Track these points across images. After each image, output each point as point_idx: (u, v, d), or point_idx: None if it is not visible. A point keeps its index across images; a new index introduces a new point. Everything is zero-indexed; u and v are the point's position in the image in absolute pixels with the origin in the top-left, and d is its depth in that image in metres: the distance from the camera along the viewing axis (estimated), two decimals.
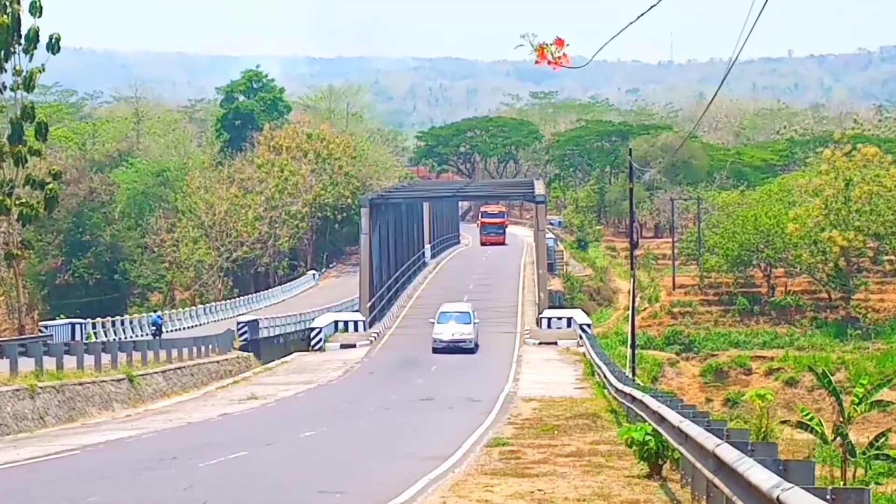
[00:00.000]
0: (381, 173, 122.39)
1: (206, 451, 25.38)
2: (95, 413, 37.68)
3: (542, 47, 13.57)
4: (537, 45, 13.52)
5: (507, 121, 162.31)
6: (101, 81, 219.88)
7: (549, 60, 13.61)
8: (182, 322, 70.65)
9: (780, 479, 11.16)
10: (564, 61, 13.65)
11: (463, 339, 58.22)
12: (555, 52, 13.60)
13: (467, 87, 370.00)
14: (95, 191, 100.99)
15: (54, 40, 60.80)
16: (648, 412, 23.02)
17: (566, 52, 13.67)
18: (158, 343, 49.54)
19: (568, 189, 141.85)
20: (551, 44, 13.63)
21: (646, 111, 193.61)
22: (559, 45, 13.62)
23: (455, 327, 58.84)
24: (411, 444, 27.82)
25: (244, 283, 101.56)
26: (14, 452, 26.60)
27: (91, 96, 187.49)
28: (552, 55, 13.60)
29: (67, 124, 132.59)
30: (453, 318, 59.53)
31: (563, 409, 35.79)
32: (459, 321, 59.25)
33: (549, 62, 13.62)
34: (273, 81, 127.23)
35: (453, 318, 59.48)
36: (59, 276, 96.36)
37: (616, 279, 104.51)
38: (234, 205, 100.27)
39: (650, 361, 75.76)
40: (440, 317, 59.70)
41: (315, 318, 68.99)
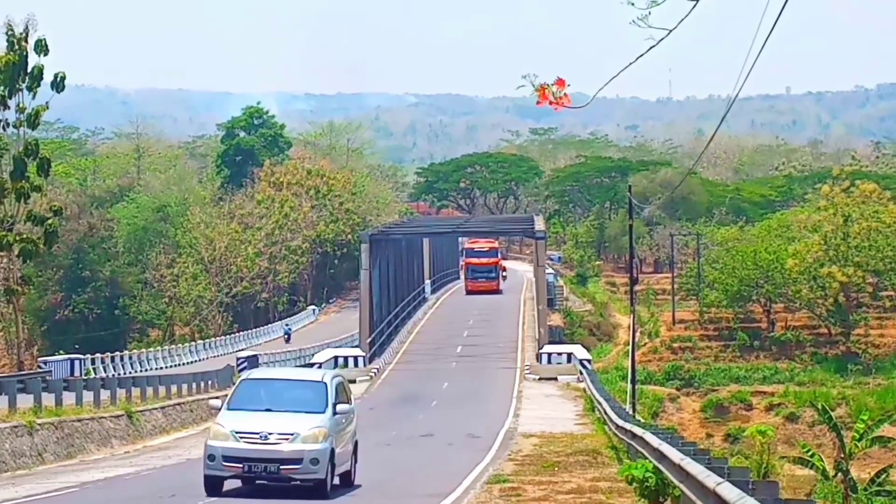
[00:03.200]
0: (382, 209, 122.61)
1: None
2: (94, 450, 37.48)
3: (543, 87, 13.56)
4: (538, 85, 13.51)
5: (507, 157, 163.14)
6: (103, 118, 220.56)
7: (550, 101, 13.60)
8: (181, 357, 70.69)
9: None
10: (566, 101, 13.65)
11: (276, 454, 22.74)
12: (556, 92, 13.60)
13: (467, 124, 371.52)
14: (96, 226, 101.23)
15: (59, 79, 61.24)
16: (649, 449, 22.96)
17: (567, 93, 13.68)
18: (158, 379, 49.51)
19: (568, 224, 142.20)
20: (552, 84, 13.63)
21: (645, 147, 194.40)
22: (560, 85, 13.61)
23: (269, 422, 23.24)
24: (411, 481, 27.73)
25: (244, 318, 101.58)
26: (13, 490, 26.38)
27: (93, 132, 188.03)
28: (553, 95, 13.59)
29: (69, 160, 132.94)
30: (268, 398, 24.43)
31: (564, 446, 35.67)
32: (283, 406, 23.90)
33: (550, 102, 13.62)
34: (273, 118, 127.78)
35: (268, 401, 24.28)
36: (59, 311, 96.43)
37: (616, 314, 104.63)
38: (235, 240, 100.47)
39: (651, 397, 75.72)
40: (239, 393, 25.09)
41: (315, 354, 68.99)
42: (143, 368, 63.00)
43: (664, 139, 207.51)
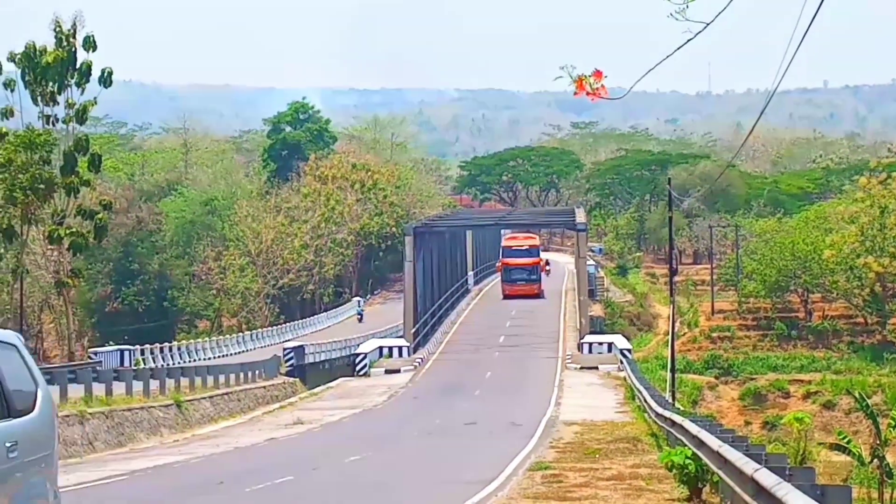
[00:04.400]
0: (425, 202, 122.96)
1: (253, 476, 25.59)
2: (144, 438, 37.97)
3: (580, 79, 13.66)
4: (576, 76, 13.63)
5: (549, 150, 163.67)
6: (150, 113, 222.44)
7: (587, 92, 13.67)
8: (229, 348, 71.36)
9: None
10: (603, 92, 13.70)
11: None
12: (593, 83, 13.69)
13: (509, 118, 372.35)
14: (144, 220, 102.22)
15: (106, 74, 62.16)
16: (688, 436, 23.19)
17: (604, 84, 13.79)
18: (206, 369, 50.17)
19: (608, 217, 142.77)
20: (590, 75, 13.75)
21: (684, 141, 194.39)
22: (597, 76, 13.67)
23: None
24: (455, 469, 28.03)
25: (290, 309, 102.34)
26: (64, 478, 26.56)
27: (140, 128, 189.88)
28: (591, 87, 13.68)
29: (117, 155, 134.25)
30: None
31: (605, 433, 35.97)
32: None
33: (587, 93, 13.68)
34: (318, 112, 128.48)
35: None
36: (109, 303, 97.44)
37: (656, 305, 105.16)
38: (281, 233, 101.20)
39: (690, 385, 76.34)
40: None
41: (360, 344, 69.54)
42: (192, 359, 63.67)
43: (703, 132, 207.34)
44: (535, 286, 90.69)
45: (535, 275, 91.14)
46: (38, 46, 62.22)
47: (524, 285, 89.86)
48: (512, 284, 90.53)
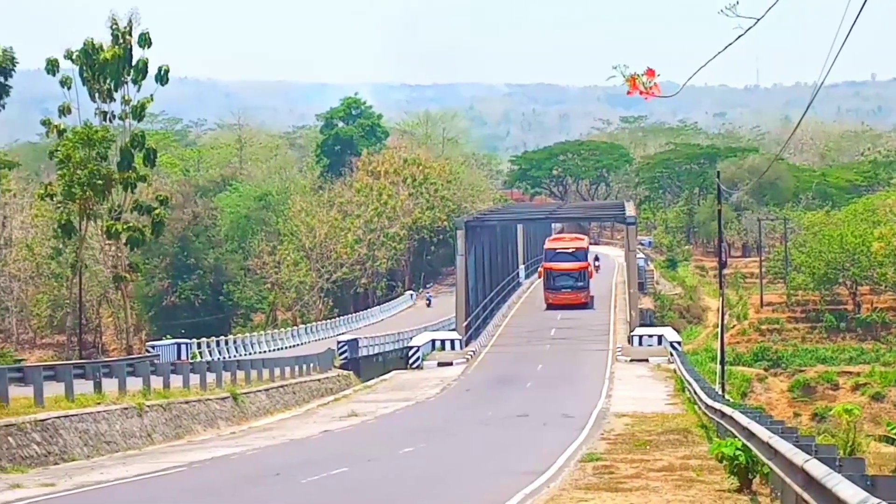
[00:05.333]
0: (476, 196, 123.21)
1: (309, 468, 25.92)
2: (201, 430, 38.41)
3: (633, 78, 13.80)
4: (629, 75, 13.76)
5: (599, 144, 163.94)
6: (206, 109, 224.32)
7: (640, 91, 13.83)
8: (284, 341, 71.96)
9: (868, 495, 11.39)
10: (655, 91, 13.86)
11: None
12: (646, 82, 13.84)
13: (559, 113, 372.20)
14: (200, 215, 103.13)
15: (163, 71, 62.92)
16: (738, 428, 23.35)
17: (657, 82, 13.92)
18: (262, 362, 50.71)
19: (658, 210, 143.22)
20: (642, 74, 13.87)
21: (733, 134, 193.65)
22: (650, 75, 13.83)
23: None
24: (507, 460, 28.29)
25: (344, 303, 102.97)
26: (123, 469, 27.33)
27: (196, 124, 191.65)
28: (644, 86, 13.82)
29: (173, 151, 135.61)
30: None
31: (655, 425, 36.12)
32: None
33: (640, 92, 13.84)
34: (371, 108, 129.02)
35: None
36: (166, 297, 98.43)
37: (705, 297, 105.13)
38: (334, 228, 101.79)
39: (739, 377, 76.53)
40: None
41: (413, 337, 69.96)
42: (247, 352, 64.27)
43: (752, 126, 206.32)
44: (583, 294, 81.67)
45: (582, 281, 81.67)
46: (96, 44, 63.04)
47: (569, 293, 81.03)
48: (556, 292, 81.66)
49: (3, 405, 29.52)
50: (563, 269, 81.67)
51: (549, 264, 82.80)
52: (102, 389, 35.06)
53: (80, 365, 37.66)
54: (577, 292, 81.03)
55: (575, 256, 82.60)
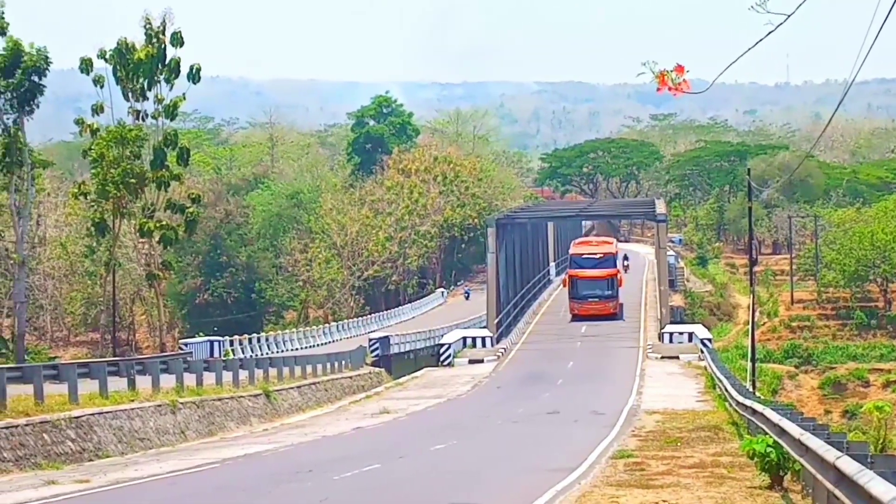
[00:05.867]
0: (507, 194, 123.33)
1: (341, 464, 26.02)
2: (234, 427, 38.61)
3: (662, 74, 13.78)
4: (658, 72, 13.75)
5: (629, 142, 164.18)
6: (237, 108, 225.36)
7: (669, 87, 13.80)
8: (316, 339, 72.25)
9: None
10: (685, 87, 13.82)
11: None
12: (675, 78, 13.82)
13: (589, 110, 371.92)
14: (232, 213, 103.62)
15: (195, 70, 63.26)
16: (769, 424, 23.32)
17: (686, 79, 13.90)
18: (294, 360, 50.96)
19: (688, 208, 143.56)
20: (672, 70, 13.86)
21: (763, 132, 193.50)
22: (679, 71, 13.80)
23: None
24: (538, 457, 28.32)
25: (375, 300, 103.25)
26: (157, 466, 27.54)
27: (227, 122, 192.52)
28: (673, 82, 13.81)
29: (205, 150, 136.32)
30: None
31: (686, 422, 36.10)
32: None
33: (669, 88, 13.82)
34: (401, 106, 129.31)
35: None
36: (198, 295, 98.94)
37: (735, 295, 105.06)
38: (366, 225, 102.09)
39: (770, 374, 76.46)
40: None
41: (444, 335, 70.10)
42: (280, 349, 64.61)
43: (782, 123, 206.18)
44: (611, 303, 76.12)
45: (610, 289, 75.75)
46: (129, 43, 63.40)
47: (597, 303, 75.49)
48: (581, 302, 75.91)
49: (38, 402, 29.80)
50: (590, 276, 75.72)
51: (574, 271, 76.97)
52: (136, 387, 35.35)
53: (113, 362, 38.02)
54: (605, 302, 75.55)
55: (603, 262, 76.68)
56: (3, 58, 54.34)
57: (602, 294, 75.42)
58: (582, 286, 75.73)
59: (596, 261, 76.45)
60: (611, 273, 76.18)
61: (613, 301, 75.83)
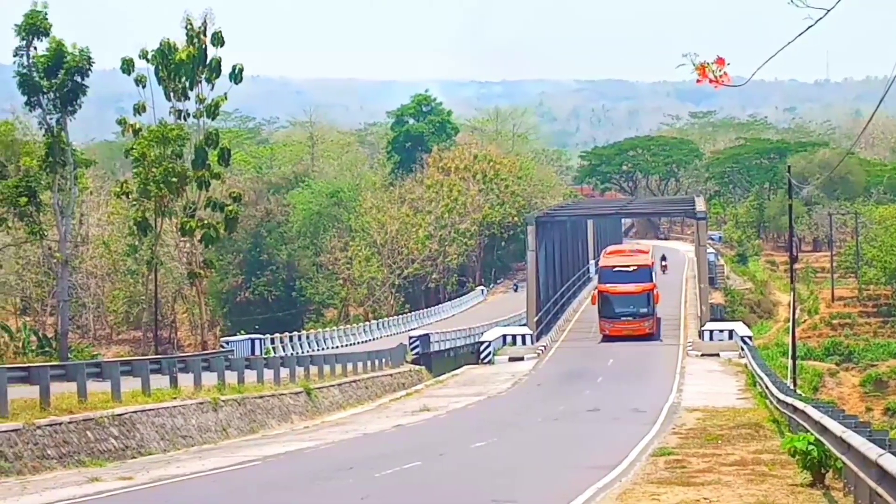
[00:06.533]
0: (546, 192, 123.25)
1: (382, 462, 26.12)
2: (275, 425, 38.77)
3: (703, 66, 13.80)
4: (698, 64, 13.76)
5: (668, 140, 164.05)
6: (278, 107, 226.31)
7: (710, 79, 13.81)
8: (356, 337, 72.47)
9: None
10: (725, 80, 13.84)
11: None
12: (716, 70, 13.84)
13: (629, 108, 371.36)
14: (272, 212, 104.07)
15: (237, 70, 63.59)
16: (810, 422, 23.23)
17: (727, 71, 13.91)
18: (334, 357, 51.15)
19: (728, 205, 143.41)
20: (712, 63, 13.87)
21: (803, 129, 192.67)
22: (720, 63, 13.83)
23: None
24: (579, 454, 28.36)
25: (415, 298, 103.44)
26: (199, 463, 27.72)
27: (268, 122, 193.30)
28: (713, 74, 13.83)
29: (246, 149, 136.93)
30: None
31: (727, 419, 36.02)
32: None
33: (710, 80, 13.84)
34: (441, 105, 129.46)
35: None
36: (239, 293, 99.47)
37: (776, 292, 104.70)
38: (405, 224, 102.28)
39: (811, 372, 76.14)
40: None
41: (484, 333, 70.15)
42: (320, 347, 64.85)
43: (822, 120, 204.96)
44: (647, 322, 68.15)
45: (645, 307, 67.99)
46: (171, 43, 63.79)
47: (630, 322, 67.60)
48: (613, 321, 68.04)
49: (81, 400, 30.05)
50: (623, 291, 67.88)
51: (604, 286, 68.94)
52: (178, 384, 35.59)
53: (156, 360, 38.27)
54: (641, 321, 67.75)
55: (637, 275, 68.52)
56: (47, 58, 54.79)
57: (636, 312, 67.77)
58: (613, 303, 68.27)
59: (629, 274, 68.58)
60: (646, 288, 68.07)
61: (649, 319, 68.33)
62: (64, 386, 30.32)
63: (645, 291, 67.68)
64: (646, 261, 70.87)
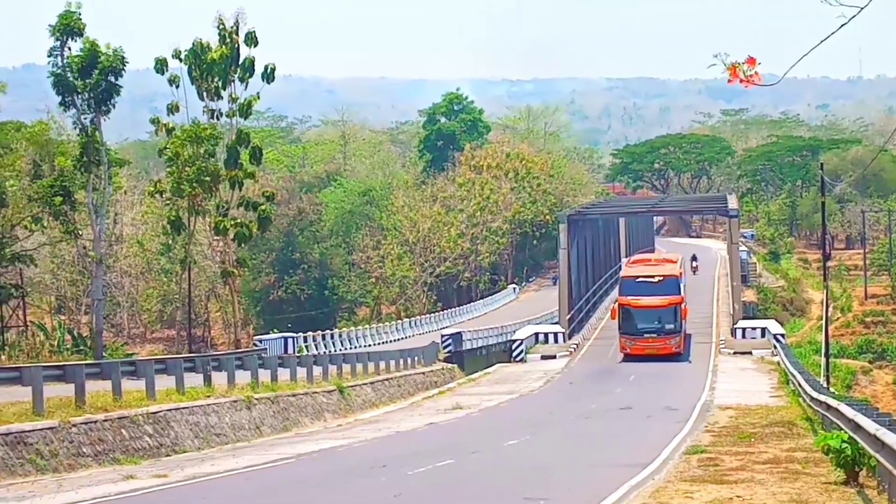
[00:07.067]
0: (578, 190, 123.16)
1: (415, 460, 26.19)
2: (308, 423, 38.87)
3: (734, 66, 13.77)
4: (729, 64, 13.73)
5: (700, 137, 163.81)
6: (310, 106, 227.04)
7: (741, 79, 13.78)
8: (388, 335, 72.63)
9: None
10: (756, 79, 13.80)
11: None
12: (746, 70, 13.80)
13: (660, 106, 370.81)
14: (304, 211, 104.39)
15: (269, 70, 63.87)
16: (844, 420, 23.14)
17: (758, 71, 13.87)
18: (367, 356, 51.29)
19: (760, 203, 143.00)
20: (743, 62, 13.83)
21: (836, 126, 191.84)
22: (751, 63, 13.79)
23: None
24: (611, 452, 28.37)
25: (447, 297, 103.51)
26: (233, 461, 27.82)
27: (300, 121, 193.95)
28: (744, 73, 13.79)
29: (278, 148, 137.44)
30: None
31: (759, 417, 35.93)
32: None
33: (741, 80, 13.80)
34: (472, 103, 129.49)
35: None
36: (272, 292, 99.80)
37: (808, 290, 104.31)
38: (437, 222, 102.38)
39: (843, 370, 75.75)
40: None
41: (516, 331, 70.15)
42: (353, 346, 65.03)
43: (855, 118, 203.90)
44: (673, 340, 59.97)
45: (672, 322, 59.82)
46: (203, 43, 64.13)
47: (655, 339, 59.74)
48: (635, 338, 60.12)
49: (116, 398, 30.25)
50: (646, 305, 59.99)
51: (625, 298, 61.18)
52: (212, 383, 35.74)
53: (189, 359, 38.43)
54: (666, 338, 59.71)
55: (663, 287, 60.57)
56: (81, 59, 55.19)
57: (662, 328, 59.92)
58: (635, 318, 60.28)
59: (654, 286, 60.60)
60: (673, 301, 60.10)
61: (676, 337, 60.11)
62: (99, 384, 30.51)
63: (671, 305, 59.92)
64: (673, 270, 62.61)
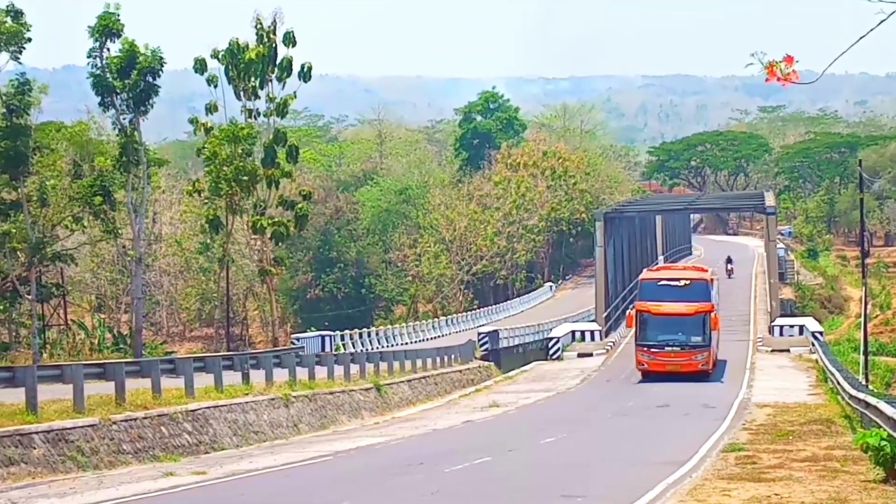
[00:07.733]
0: (614, 188, 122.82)
1: (452, 457, 26.25)
2: (346, 421, 39.02)
3: (771, 65, 13.74)
4: (767, 62, 13.71)
5: (737, 135, 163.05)
6: (347, 105, 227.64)
7: (778, 77, 13.75)
8: (425, 333, 72.73)
9: None
10: (794, 77, 13.77)
11: None
12: (784, 68, 13.77)
13: (697, 103, 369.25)
14: (341, 209, 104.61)
15: (306, 69, 64.16)
16: (883, 418, 23.04)
17: (795, 69, 13.84)
18: (404, 354, 51.41)
19: (798, 200, 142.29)
20: (780, 61, 13.80)
21: (874, 122, 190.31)
22: (788, 62, 13.75)
23: None
24: (649, 450, 28.35)
25: (483, 295, 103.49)
26: (271, 458, 28.00)
27: (337, 120, 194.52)
28: (781, 72, 13.76)
29: (315, 147, 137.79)
30: None
31: (797, 415, 35.78)
32: None
33: (778, 79, 13.77)
34: (508, 101, 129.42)
35: None
36: (310, 290, 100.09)
37: (847, 287, 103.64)
38: (474, 220, 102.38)
39: (883, 368, 75.10)
40: None
41: (553, 329, 70.10)
42: (390, 344, 65.13)
43: (893, 114, 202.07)
44: (700, 355, 50.05)
45: (700, 334, 49.99)
46: (241, 43, 64.50)
47: (678, 354, 49.96)
48: (654, 351, 50.27)
49: (155, 396, 30.48)
50: (668, 312, 50.10)
51: (644, 303, 51.08)
52: (250, 380, 35.91)
53: (228, 357, 38.67)
54: (692, 353, 50.09)
55: (690, 292, 50.74)
56: (120, 59, 55.63)
57: (687, 341, 50.20)
58: (654, 327, 50.38)
59: (678, 290, 50.79)
60: (701, 309, 50.30)
61: (704, 352, 50.24)
62: (138, 382, 30.73)
63: (699, 313, 50.21)
64: (702, 274, 53.85)
